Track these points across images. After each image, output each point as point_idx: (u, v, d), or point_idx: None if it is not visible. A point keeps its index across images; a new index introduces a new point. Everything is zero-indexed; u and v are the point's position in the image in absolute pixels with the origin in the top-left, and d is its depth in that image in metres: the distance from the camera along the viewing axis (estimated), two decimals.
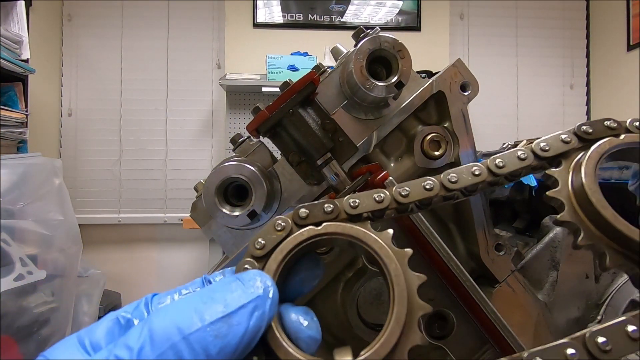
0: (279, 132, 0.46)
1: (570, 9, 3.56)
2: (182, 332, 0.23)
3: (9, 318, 1.75)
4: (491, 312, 0.39)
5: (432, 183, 0.34)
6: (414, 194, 0.34)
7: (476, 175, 0.35)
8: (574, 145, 0.35)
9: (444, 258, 0.41)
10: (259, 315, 0.25)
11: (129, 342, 0.23)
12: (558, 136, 0.36)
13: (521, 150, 0.35)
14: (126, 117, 3.29)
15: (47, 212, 1.99)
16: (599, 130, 0.36)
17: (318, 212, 0.32)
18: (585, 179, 0.33)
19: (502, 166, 0.35)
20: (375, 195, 0.33)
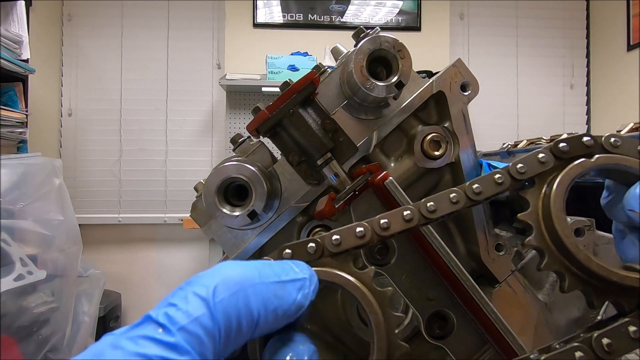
0: (279, 132, 0.46)
1: (570, 9, 3.56)
2: (250, 281, 0.27)
3: (9, 318, 1.75)
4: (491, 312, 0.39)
5: (410, 214, 0.35)
6: (394, 226, 0.35)
7: (455, 203, 0.35)
8: (550, 165, 0.35)
9: (444, 258, 0.41)
10: (304, 293, 0.29)
11: (204, 281, 0.26)
12: (535, 156, 0.36)
13: (498, 174, 0.36)
14: (126, 117, 3.29)
15: (47, 212, 1.99)
16: (576, 148, 0.35)
17: (302, 253, 0.34)
18: (554, 206, 0.33)
19: (480, 192, 0.35)
20: (357, 231, 0.34)
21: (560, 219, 0.32)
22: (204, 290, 0.26)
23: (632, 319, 0.31)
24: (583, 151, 0.35)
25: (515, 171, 0.35)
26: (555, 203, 0.33)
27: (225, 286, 0.26)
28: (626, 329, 0.30)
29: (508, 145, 2.66)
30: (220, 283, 0.26)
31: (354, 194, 0.45)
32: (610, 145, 0.35)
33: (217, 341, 0.25)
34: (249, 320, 0.26)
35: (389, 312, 0.32)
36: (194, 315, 0.24)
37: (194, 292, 0.26)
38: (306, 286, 0.29)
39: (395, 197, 0.42)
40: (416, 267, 0.42)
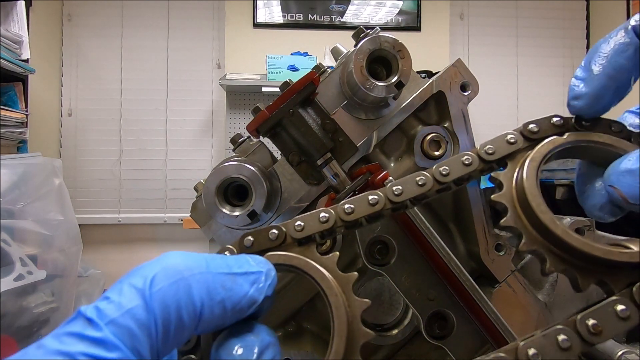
0: (279, 132, 0.46)
1: (570, 9, 3.56)
2: (194, 270, 0.25)
3: (9, 318, 1.75)
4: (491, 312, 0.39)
5: (376, 198, 0.34)
6: (358, 210, 0.33)
7: (421, 185, 0.34)
8: (519, 146, 0.34)
9: (444, 258, 0.41)
10: (258, 287, 0.27)
11: (143, 272, 0.25)
12: (504, 137, 0.35)
13: (466, 156, 0.35)
14: (126, 117, 3.29)
15: (47, 212, 1.99)
16: (546, 129, 0.35)
17: (263, 240, 0.32)
18: (527, 182, 0.32)
19: (447, 173, 0.34)
20: (321, 216, 0.33)
21: (534, 195, 0.31)
22: (141, 281, 0.24)
23: (619, 297, 0.28)
24: (553, 131, 0.34)
25: (483, 152, 0.35)
26: (528, 180, 0.32)
27: (164, 275, 0.24)
28: (613, 308, 0.28)
29: None
30: (159, 272, 0.24)
31: (353, 194, 0.45)
32: (581, 125, 0.35)
33: (154, 335, 0.23)
34: (191, 311, 0.24)
35: (352, 296, 0.31)
36: (126, 307, 0.23)
37: (129, 283, 0.24)
38: (260, 280, 0.28)
39: None
40: (416, 267, 0.42)
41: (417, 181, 0.34)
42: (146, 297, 0.23)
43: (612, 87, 0.31)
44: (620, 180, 0.29)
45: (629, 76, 0.31)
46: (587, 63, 0.32)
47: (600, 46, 0.32)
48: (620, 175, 0.29)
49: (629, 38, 0.31)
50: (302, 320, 0.52)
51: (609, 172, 0.31)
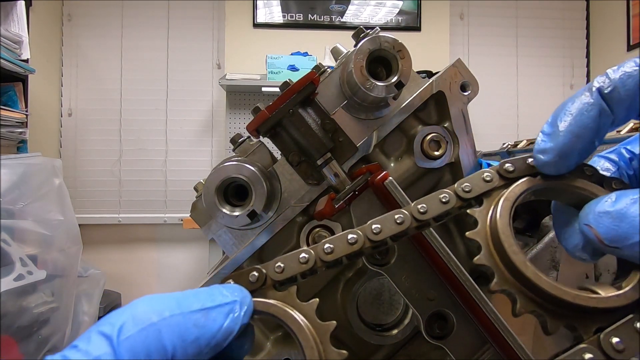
0: (279, 132, 0.46)
1: (570, 9, 3.56)
2: (163, 313, 0.25)
3: (9, 318, 1.75)
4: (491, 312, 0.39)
5: (355, 237, 0.34)
6: (338, 250, 0.34)
7: (399, 224, 0.34)
8: (495, 184, 0.35)
9: (444, 258, 0.41)
10: (233, 317, 0.27)
11: (112, 320, 0.25)
12: (480, 175, 0.35)
13: (443, 194, 0.35)
14: (126, 117, 3.29)
15: (47, 212, 1.99)
16: (521, 169, 0.35)
17: (243, 283, 0.32)
18: (500, 221, 0.32)
19: (425, 212, 0.35)
20: (300, 257, 0.33)
21: (507, 235, 0.31)
22: (109, 329, 0.24)
23: (587, 346, 0.29)
24: (528, 171, 0.35)
25: (460, 190, 0.35)
26: (501, 219, 0.32)
27: (134, 322, 0.24)
28: (581, 357, 0.29)
29: (508, 145, 2.66)
30: (128, 319, 0.25)
31: (353, 194, 0.45)
32: None
33: None
34: (162, 355, 0.24)
35: (329, 348, 0.31)
36: (93, 355, 0.23)
37: (97, 331, 0.24)
38: (235, 309, 0.28)
39: (395, 197, 0.42)
40: (416, 267, 0.42)
41: (395, 219, 0.34)
42: (114, 345, 0.23)
43: (577, 146, 0.31)
44: (598, 220, 0.29)
45: (593, 136, 0.31)
46: (553, 119, 0.32)
47: (566, 104, 0.32)
48: (598, 216, 0.29)
49: (592, 99, 0.31)
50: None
51: (585, 212, 0.31)
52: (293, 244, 0.50)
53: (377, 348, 0.52)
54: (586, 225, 0.30)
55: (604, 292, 0.30)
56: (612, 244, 0.28)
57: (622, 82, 0.30)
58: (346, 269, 0.52)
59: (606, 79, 0.31)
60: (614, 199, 0.29)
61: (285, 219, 0.48)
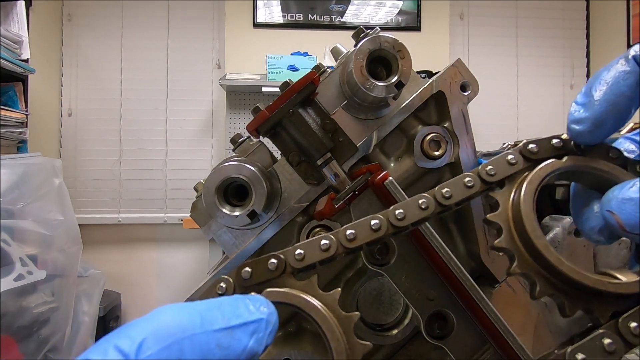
0: (279, 132, 0.46)
1: (570, 9, 3.56)
2: (187, 331, 0.23)
3: (9, 318, 1.75)
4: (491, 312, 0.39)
5: (379, 223, 0.33)
6: (360, 237, 0.33)
7: (424, 209, 0.34)
8: (519, 167, 0.34)
9: (444, 258, 0.41)
10: (258, 338, 0.25)
11: (132, 333, 0.23)
12: (504, 157, 0.35)
13: (468, 177, 0.35)
14: (126, 117, 3.29)
15: (47, 212, 1.99)
16: (545, 150, 0.35)
17: (262, 271, 0.31)
18: (523, 204, 0.32)
19: (450, 196, 0.34)
20: (321, 244, 0.32)
21: (530, 219, 0.31)
22: (128, 344, 0.22)
23: (606, 331, 0.29)
24: (552, 152, 0.35)
25: (485, 173, 0.35)
26: (525, 202, 0.32)
27: (155, 338, 0.22)
28: (600, 341, 0.29)
29: (508, 145, 2.66)
30: (150, 335, 0.22)
31: (353, 194, 0.45)
32: (580, 148, 0.35)
33: None
34: None
35: (354, 339, 0.30)
36: None
37: (115, 345, 0.22)
38: (261, 329, 0.26)
39: (395, 197, 0.42)
40: (416, 267, 0.42)
41: (419, 204, 0.34)
42: None
43: (613, 114, 0.31)
44: (620, 207, 0.29)
45: (630, 105, 0.31)
46: (587, 90, 0.32)
47: (601, 73, 0.32)
48: (621, 202, 0.29)
49: (629, 67, 0.31)
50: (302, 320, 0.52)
51: (608, 197, 0.30)
52: (293, 244, 0.50)
53: (377, 348, 0.52)
54: (608, 212, 0.30)
55: (624, 278, 0.30)
56: (634, 230, 0.28)
57: None
58: (346, 269, 0.52)
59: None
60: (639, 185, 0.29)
61: (285, 219, 0.48)
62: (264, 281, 0.31)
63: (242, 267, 0.31)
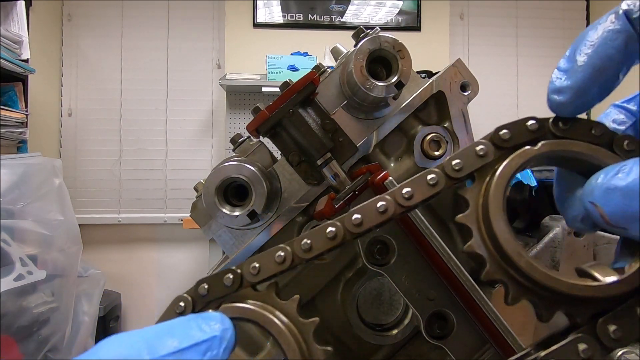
0: (279, 132, 0.46)
1: (570, 9, 3.56)
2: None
3: (9, 318, 1.75)
4: (491, 312, 0.39)
5: (334, 230, 0.31)
6: (317, 246, 0.31)
7: (383, 212, 0.31)
8: (490, 158, 0.30)
9: (444, 258, 0.41)
10: (212, 355, 0.25)
11: None
12: (473, 148, 0.30)
13: (431, 174, 0.31)
14: (126, 117, 3.29)
15: (47, 212, 1.99)
16: (519, 135, 0.30)
17: (218, 287, 0.31)
18: (491, 204, 0.28)
19: (411, 196, 0.31)
20: (276, 256, 0.31)
21: (499, 220, 0.28)
22: None
23: (582, 335, 0.27)
24: (528, 137, 0.30)
25: (450, 169, 0.30)
26: (493, 201, 0.28)
27: None
28: (575, 346, 0.27)
29: None
30: None
31: (353, 194, 0.45)
32: (559, 128, 0.30)
33: None
34: None
35: (313, 346, 0.30)
36: None
37: None
38: (214, 347, 0.25)
39: None
40: (416, 267, 0.42)
41: (378, 208, 0.31)
42: None
43: (598, 81, 0.27)
44: (604, 198, 0.25)
45: (617, 69, 0.27)
46: (571, 53, 0.28)
47: (587, 34, 0.27)
48: (605, 192, 0.25)
49: (619, 25, 0.26)
50: None
51: (590, 186, 0.26)
52: None
53: (377, 348, 0.52)
54: (591, 203, 0.26)
55: (603, 277, 0.27)
56: (620, 224, 0.25)
57: None
58: (346, 269, 0.52)
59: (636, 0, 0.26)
60: (627, 170, 0.24)
61: (285, 219, 0.48)
62: (222, 296, 0.31)
63: (200, 283, 0.31)
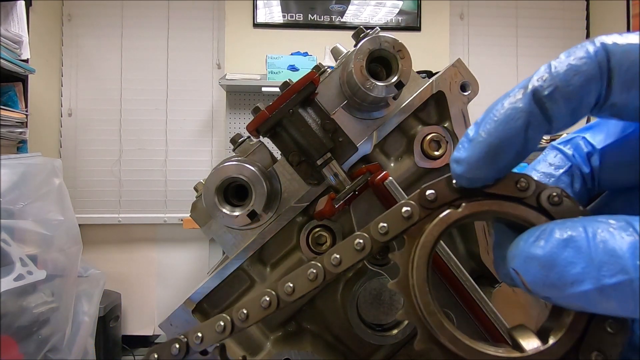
0: (279, 132, 0.46)
1: (570, 9, 3.56)
2: None
3: (9, 318, 1.75)
4: (491, 312, 0.39)
5: (268, 299, 0.32)
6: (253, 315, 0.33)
7: (312, 280, 0.32)
8: (415, 219, 0.29)
9: (444, 258, 0.41)
10: None
11: None
12: (399, 210, 0.29)
13: (358, 239, 0.30)
14: (126, 117, 3.29)
15: (47, 212, 1.99)
16: (445, 194, 0.28)
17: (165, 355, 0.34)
18: (416, 274, 0.27)
19: (338, 264, 0.31)
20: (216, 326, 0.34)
21: (423, 292, 0.27)
22: None
23: None
24: (452, 196, 0.28)
25: (376, 232, 0.30)
26: (417, 271, 0.27)
27: None
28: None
29: None
30: None
31: (353, 194, 0.45)
32: (485, 184, 0.27)
33: None
34: None
35: None
36: None
37: None
38: None
39: (395, 197, 0.42)
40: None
41: (307, 275, 0.32)
42: None
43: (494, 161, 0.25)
44: (524, 266, 0.23)
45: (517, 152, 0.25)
46: (481, 120, 0.26)
47: (496, 104, 0.25)
48: (524, 261, 0.23)
49: (522, 103, 0.24)
50: (302, 320, 0.52)
51: (512, 252, 0.24)
52: (293, 244, 0.50)
53: (377, 348, 0.52)
54: (513, 270, 0.24)
55: (528, 345, 0.25)
56: (541, 294, 0.23)
57: (565, 80, 0.23)
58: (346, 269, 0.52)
59: (547, 74, 0.24)
60: (546, 235, 0.23)
61: (285, 219, 0.48)
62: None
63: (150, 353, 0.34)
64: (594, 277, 0.20)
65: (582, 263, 0.21)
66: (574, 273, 0.21)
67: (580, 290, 0.21)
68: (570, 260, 0.21)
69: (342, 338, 0.52)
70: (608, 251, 0.20)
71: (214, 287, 0.49)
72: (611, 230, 0.21)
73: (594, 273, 0.20)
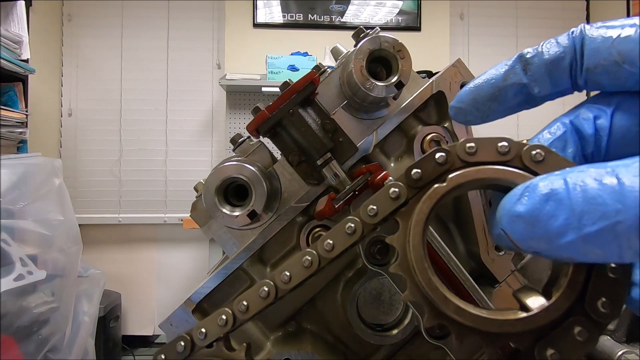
0: (279, 132, 0.46)
1: (570, 9, 3.56)
2: None
3: (9, 318, 1.75)
4: None
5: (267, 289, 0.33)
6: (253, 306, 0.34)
7: (307, 267, 0.32)
8: (403, 199, 0.29)
9: (444, 258, 0.41)
10: None
11: None
12: (387, 191, 0.29)
13: (349, 223, 0.31)
14: (126, 117, 3.29)
15: (47, 212, 1.99)
16: (429, 172, 0.28)
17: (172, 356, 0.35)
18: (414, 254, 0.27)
19: (331, 249, 0.31)
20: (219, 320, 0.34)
21: (422, 270, 0.27)
22: None
23: None
24: (437, 172, 0.28)
25: (365, 214, 0.30)
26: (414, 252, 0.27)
27: None
28: None
29: None
30: None
31: (353, 194, 0.45)
32: (466, 154, 0.28)
33: None
34: None
35: None
36: None
37: None
38: None
39: None
40: None
41: (302, 263, 0.32)
42: None
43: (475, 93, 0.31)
44: (511, 225, 0.24)
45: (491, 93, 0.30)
46: None
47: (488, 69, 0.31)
48: (511, 220, 0.24)
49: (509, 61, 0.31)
50: (302, 320, 0.52)
51: (500, 213, 0.25)
52: (293, 244, 0.50)
53: (377, 348, 0.52)
54: (502, 230, 0.24)
55: (533, 304, 0.26)
56: (531, 249, 0.23)
57: (546, 48, 0.30)
58: (346, 269, 0.52)
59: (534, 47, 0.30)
60: (529, 192, 0.23)
61: (285, 219, 0.48)
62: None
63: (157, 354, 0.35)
64: (576, 227, 0.21)
65: (563, 214, 0.21)
66: (557, 225, 0.21)
67: (565, 241, 0.21)
68: (553, 214, 0.21)
69: (342, 338, 0.52)
70: (588, 200, 0.21)
71: (214, 287, 0.49)
72: (592, 179, 0.21)
73: (575, 223, 0.21)
